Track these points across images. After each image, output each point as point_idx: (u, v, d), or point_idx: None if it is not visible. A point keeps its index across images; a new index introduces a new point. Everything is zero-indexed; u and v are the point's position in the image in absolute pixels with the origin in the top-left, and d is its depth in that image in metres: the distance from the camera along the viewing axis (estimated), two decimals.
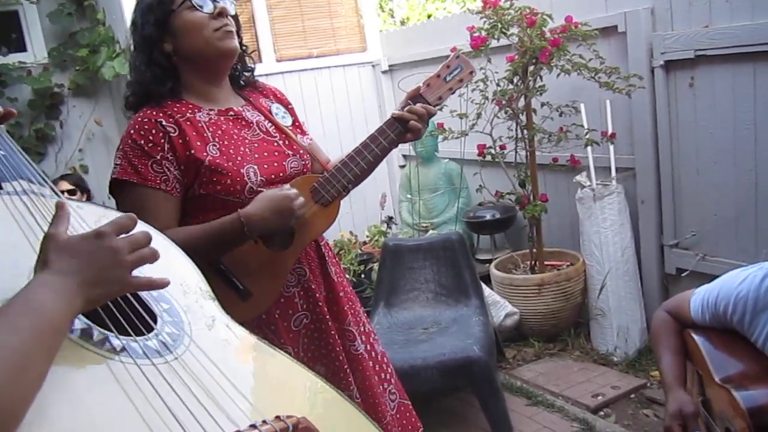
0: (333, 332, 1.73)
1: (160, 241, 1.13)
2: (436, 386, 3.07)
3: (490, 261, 4.07)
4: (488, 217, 4.22)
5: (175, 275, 0.94)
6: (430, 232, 4.31)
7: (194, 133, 1.58)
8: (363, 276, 4.15)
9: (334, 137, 4.91)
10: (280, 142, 1.71)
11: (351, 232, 4.55)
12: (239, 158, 1.60)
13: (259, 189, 1.59)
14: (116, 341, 0.85)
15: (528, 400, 3.15)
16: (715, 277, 1.49)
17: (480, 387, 2.86)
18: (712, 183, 3.16)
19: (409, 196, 4.75)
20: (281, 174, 1.66)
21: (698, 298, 1.45)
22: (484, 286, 3.53)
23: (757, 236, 3.00)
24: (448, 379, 2.93)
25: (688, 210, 3.32)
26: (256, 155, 1.64)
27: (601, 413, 3.00)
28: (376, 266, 3.83)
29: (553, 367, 3.44)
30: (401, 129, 1.66)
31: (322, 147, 1.92)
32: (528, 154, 3.63)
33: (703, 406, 1.43)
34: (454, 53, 1.73)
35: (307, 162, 1.74)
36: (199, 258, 1.20)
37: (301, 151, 1.73)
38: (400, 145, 1.80)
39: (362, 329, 1.85)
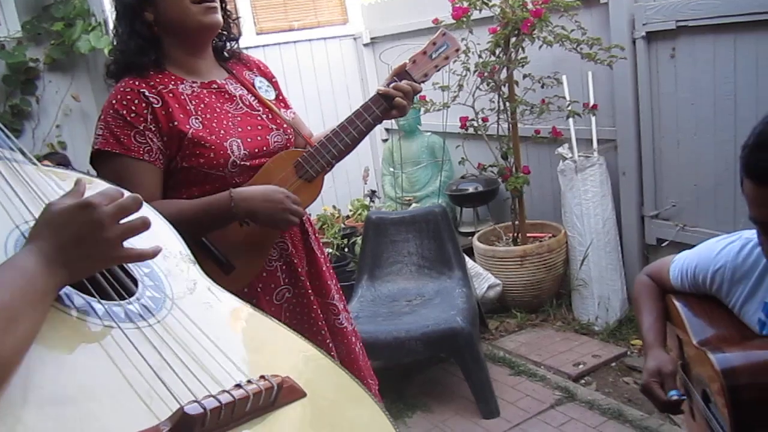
0: (315, 306, 1.73)
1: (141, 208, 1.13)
2: (420, 357, 3.11)
3: (472, 233, 4.09)
4: (471, 189, 4.24)
5: (155, 240, 0.93)
6: (413, 205, 4.32)
7: (177, 105, 1.56)
8: (346, 250, 4.16)
9: (315, 111, 4.88)
10: (264, 117, 1.69)
11: (334, 206, 4.55)
12: (222, 132, 1.58)
13: (242, 163, 1.59)
14: (98, 306, 0.85)
15: (510, 369, 3.19)
16: (694, 246, 1.51)
17: (463, 357, 2.89)
18: (692, 154, 3.19)
19: (392, 169, 4.75)
20: (265, 148, 1.65)
21: (677, 266, 1.47)
22: (467, 258, 3.55)
23: (735, 206, 3.04)
24: (431, 350, 2.97)
25: (668, 181, 3.35)
26: (240, 129, 1.62)
27: (582, 381, 3.04)
28: (359, 240, 3.83)
29: (535, 337, 3.49)
30: (386, 106, 1.65)
31: (303, 121, 1.90)
32: (510, 126, 3.63)
33: (682, 369, 1.46)
34: (440, 30, 1.72)
35: (290, 136, 1.73)
36: (185, 232, 1.19)
37: (285, 126, 1.72)
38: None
39: (344, 305, 1.86)
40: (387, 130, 5.17)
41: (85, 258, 0.84)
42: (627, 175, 3.48)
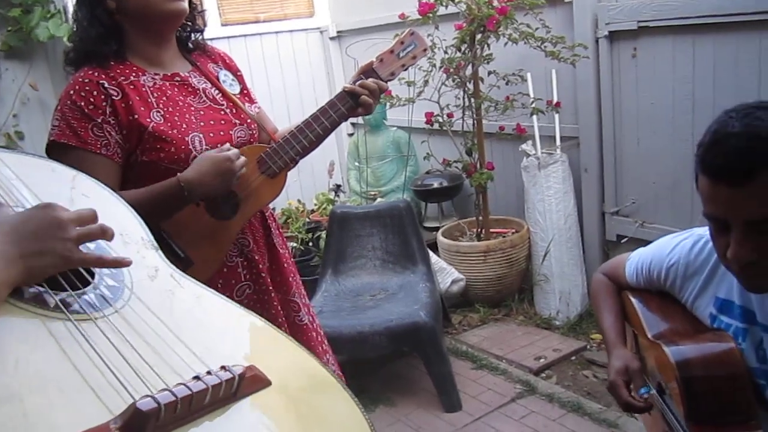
0: (276, 303, 1.72)
1: (101, 192, 1.11)
2: (384, 351, 3.12)
3: (437, 228, 4.11)
4: (436, 185, 4.26)
5: (115, 225, 0.91)
6: (378, 199, 4.33)
7: (138, 98, 1.52)
8: (311, 244, 4.14)
9: (281, 104, 4.85)
10: (227, 111, 1.66)
11: (299, 201, 4.53)
12: (184, 126, 1.55)
13: None
14: (50, 298, 0.83)
15: (473, 363, 3.22)
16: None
17: (426, 351, 2.91)
18: (652, 152, 3.25)
19: (357, 164, 4.74)
20: (227, 143, 1.62)
21: (632, 264, 1.50)
22: (431, 253, 3.57)
23: (692, 204, 3.11)
24: (395, 344, 2.98)
25: (628, 178, 3.41)
26: (202, 123, 1.59)
27: (543, 375, 3.09)
28: (323, 234, 3.82)
29: (497, 331, 3.52)
30: (352, 103, 1.64)
31: (269, 114, 1.88)
32: (475, 122, 3.66)
33: None
34: (408, 30, 1.73)
35: (254, 131, 1.71)
36: None
37: (249, 121, 1.70)
38: None
39: (304, 301, 1.86)
40: (353, 124, 5.16)
41: (41, 255, 0.82)
42: (589, 172, 3.53)
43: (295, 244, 4.07)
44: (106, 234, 0.88)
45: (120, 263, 0.90)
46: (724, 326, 1.26)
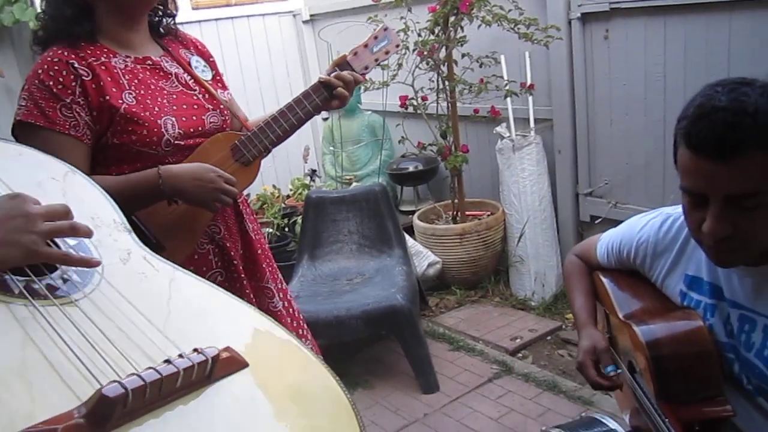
0: (248, 291, 1.71)
1: (71, 175, 1.09)
2: (361, 335, 3.13)
3: (413, 212, 4.12)
4: (411, 168, 4.26)
5: (86, 208, 0.89)
6: (354, 184, 4.31)
7: (109, 79, 1.50)
8: (287, 229, 4.13)
9: (254, 89, 4.80)
10: (200, 96, 1.64)
11: (274, 186, 4.50)
12: (156, 109, 1.53)
13: (176, 142, 1.54)
14: (14, 284, 0.81)
15: (450, 345, 3.25)
16: None
17: (403, 334, 2.93)
18: (624, 133, 3.28)
19: (332, 148, 4.72)
20: (200, 128, 1.61)
21: (604, 244, 1.52)
22: (407, 236, 3.58)
23: (664, 184, 3.15)
24: (372, 328, 2.99)
25: (601, 159, 3.44)
26: (174, 107, 1.57)
27: (519, 355, 3.13)
28: (299, 219, 3.81)
29: (474, 313, 3.55)
30: (327, 95, 1.65)
31: (241, 100, 1.87)
32: (449, 105, 3.65)
33: (609, 342, 1.51)
34: (381, 25, 1.76)
35: (227, 118, 1.69)
36: None
37: (222, 107, 1.68)
38: None
39: (280, 286, 1.85)
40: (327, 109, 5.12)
41: (4, 245, 0.81)
42: (562, 154, 3.55)
43: (270, 230, 4.05)
44: (76, 231, 0.87)
45: (87, 263, 0.88)
46: (693, 303, 1.28)
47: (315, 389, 0.87)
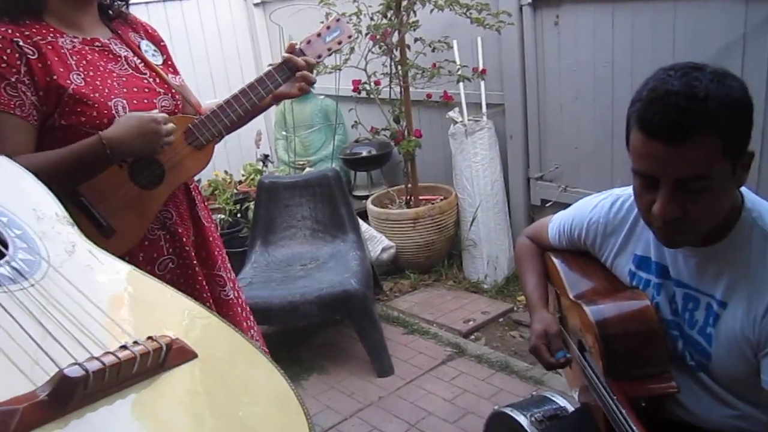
0: (200, 278, 1.69)
1: (10, 167, 1.06)
2: (315, 320, 3.13)
3: (366, 197, 4.12)
4: (364, 153, 4.26)
5: (27, 200, 0.87)
6: (307, 169, 4.29)
7: (56, 59, 1.45)
8: (239, 215, 4.08)
9: (205, 74, 4.70)
10: (150, 80, 1.60)
11: (226, 171, 4.44)
12: (107, 90, 1.49)
13: None
14: None
15: (404, 329, 3.27)
16: None
17: (358, 319, 2.94)
18: (574, 118, 3.34)
19: (284, 133, 4.68)
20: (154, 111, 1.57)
21: (555, 225, 1.55)
22: (360, 221, 3.58)
23: (612, 168, 3.22)
24: (326, 313, 2.99)
25: (552, 144, 3.50)
26: (125, 90, 1.53)
27: (472, 337, 3.17)
28: (252, 205, 3.77)
29: (427, 296, 3.59)
30: (289, 75, 1.64)
31: (191, 84, 1.83)
32: (402, 89, 3.66)
33: (560, 322, 1.55)
34: (334, 16, 1.79)
35: (179, 102, 1.66)
36: (57, 185, 1.12)
37: (173, 91, 1.65)
38: None
39: (229, 276, 1.83)
40: None
41: None
42: (514, 139, 3.60)
43: (222, 216, 4.00)
44: None
45: None
46: (642, 282, 1.32)
47: (262, 380, 0.87)
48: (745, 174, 1.13)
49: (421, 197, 3.87)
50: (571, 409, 1.69)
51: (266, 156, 4.55)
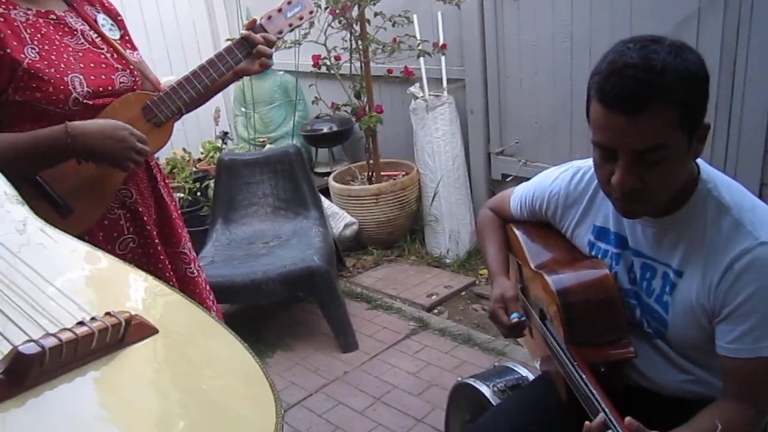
0: (162, 257, 1.67)
1: None
2: (279, 298, 3.12)
3: (328, 174, 4.10)
4: (325, 129, 4.23)
5: None
6: (268, 146, 4.24)
7: (9, 32, 1.39)
8: (199, 194, 4.02)
9: (160, 48, 4.58)
10: (108, 55, 1.56)
11: (184, 149, 4.35)
12: (63, 65, 1.44)
13: (84, 101, 1.46)
14: None
15: (368, 304, 3.29)
16: None
17: (321, 295, 2.93)
18: (533, 93, 3.37)
19: (244, 109, 4.61)
20: (110, 87, 1.53)
21: (517, 197, 1.56)
22: (323, 198, 3.56)
23: (571, 142, 3.26)
24: (289, 290, 2.98)
25: (512, 119, 3.52)
26: (82, 65, 1.48)
27: (435, 311, 3.20)
28: (212, 183, 3.72)
29: (390, 272, 3.60)
30: (249, 50, 1.62)
31: (147, 61, 1.78)
32: (363, 65, 3.63)
33: (522, 292, 1.57)
34: None
35: (137, 79, 1.61)
36: (12, 169, 1.09)
37: (131, 67, 1.60)
38: None
39: (193, 255, 1.81)
40: None
41: None
42: (475, 114, 3.61)
43: (182, 195, 3.94)
44: None
45: None
46: (601, 252, 1.35)
47: (225, 354, 0.86)
48: (701, 146, 1.15)
49: (382, 173, 3.86)
50: (532, 378, 1.72)
51: (225, 133, 4.47)
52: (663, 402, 1.29)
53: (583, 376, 1.20)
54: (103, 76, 1.52)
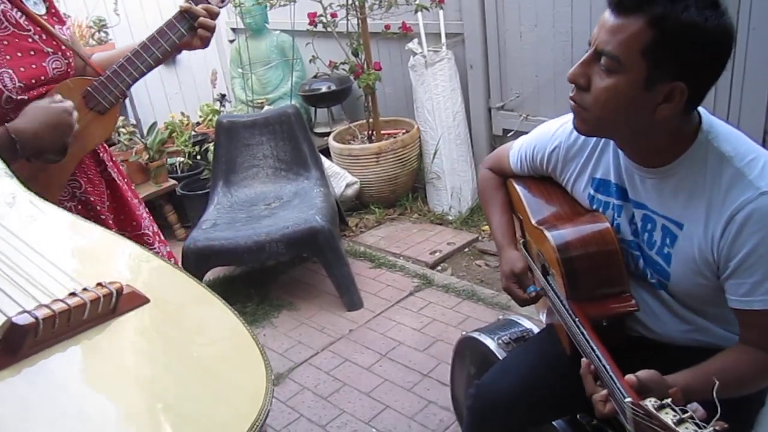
0: None
1: None
2: (283, 258, 3.13)
3: (328, 134, 4.08)
4: (324, 89, 4.19)
5: None
6: (266, 107, 4.21)
7: None
8: (199, 157, 4.01)
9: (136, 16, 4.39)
10: (36, 38, 1.42)
11: (182, 113, 4.33)
12: None
13: (18, 97, 1.36)
14: None
15: (371, 263, 3.30)
16: None
17: (325, 255, 2.94)
18: (533, 46, 3.31)
19: (241, 71, 4.56)
20: (42, 77, 1.41)
21: (516, 152, 1.54)
22: (323, 158, 3.55)
23: None
24: (293, 251, 2.99)
25: (512, 73, 3.48)
26: (8, 57, 1.36)
27: (439, 268, 3.22)
28: (211, 147, 3.70)
29: (393, 230, 3.61)
30: (191, 24, 1.50)
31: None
32: (359, 21, 3.57)
33: (524, 247, 1.57)
34: None
35: (70, 60, 1.48)
36: None
37: (63, 48, 1.46)
38: (226, 17, 1.63)
39: (155, 229, 1.76)
40: (233, 29, 4.91)
41: None
42: (474, 69, 3.56)
43: (182, 159, 3.93)
44: None
45: None
46: (602, 205, 1.34)
47: (215, 321, 0.87)
48: (666, 106, 1.09)
49: (383, 131, 3.83)
50: (536, 330, 1.73)
51: (223, 96, 4.44)
52: (668, 353, 1.30)
53: (585, 332, 1.20)
54: (34, 66, 1.40)
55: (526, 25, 3.31)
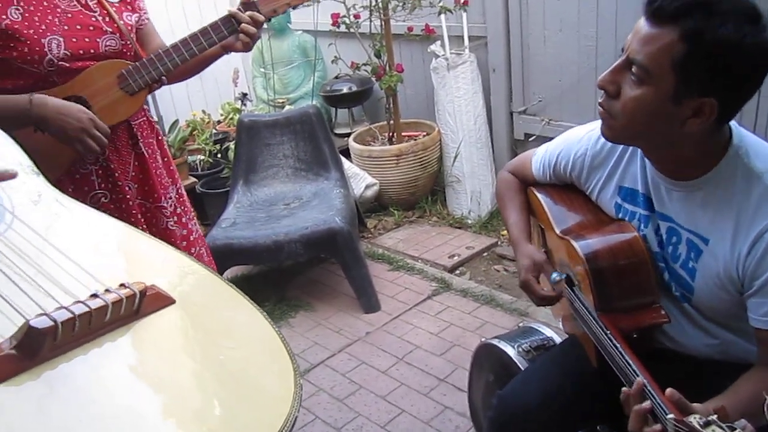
0: (135, 211, 1.71)
1: None
2: (301, 259, 3.13)
3: (348, 134, 4.07)
4: (345, 90, 4.18)
5: None
6: (287, 107, 4.21)
7: None
8: (219, 156, 4.02)
9: (161, 17, 4.36)
10: (99, 18, 1.59)
11: (204, 111, 4.35)
12: (43, 27, 1.49)
13: (60, 63, 1.51)
14: None
15: (389, 265, 3.28)
16: None
17: (343, 256, 2.94)
18: (557, 50, 3.28)
19: (262, 70, 4.57)
20: (92, 51, 1.56)
21: (539, 158, 1.52)
22: (343, 159, 3.54)
23: (596, 101, 3.17)
24: (311, 251, 2.98)
25: (535, 77, 3.45)
26: (66, 27, 1.52)
27: (457, 272, 3.19)
28: (232, 145, 3.71)
29: (412, 233, 3.59)
30: (235, 27, 1.62)
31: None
32: (383, 23, 3.56)
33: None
34: None
35: (127, 43, 1.63)
36: None
37: (122, 31, 1.62)
38: None
39: (173, 208, 1.84)
40: None
41: None
42: (497, 72, 3.54)
43: (202, 157, 3.94)
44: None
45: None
46: (629, 214, 1.31)
47: (243, 323, 0.86)
48: (695, 121, 1.06)
49: (403, 133, 3.82)
50: (557, 339, 1.71)
51: (245, 94, 4.44)
52: (691, 364, 1.27)
53: (618, 346, 1.16)
54: (87, 39, 1.55)
55: (550, 29, 3.28)
